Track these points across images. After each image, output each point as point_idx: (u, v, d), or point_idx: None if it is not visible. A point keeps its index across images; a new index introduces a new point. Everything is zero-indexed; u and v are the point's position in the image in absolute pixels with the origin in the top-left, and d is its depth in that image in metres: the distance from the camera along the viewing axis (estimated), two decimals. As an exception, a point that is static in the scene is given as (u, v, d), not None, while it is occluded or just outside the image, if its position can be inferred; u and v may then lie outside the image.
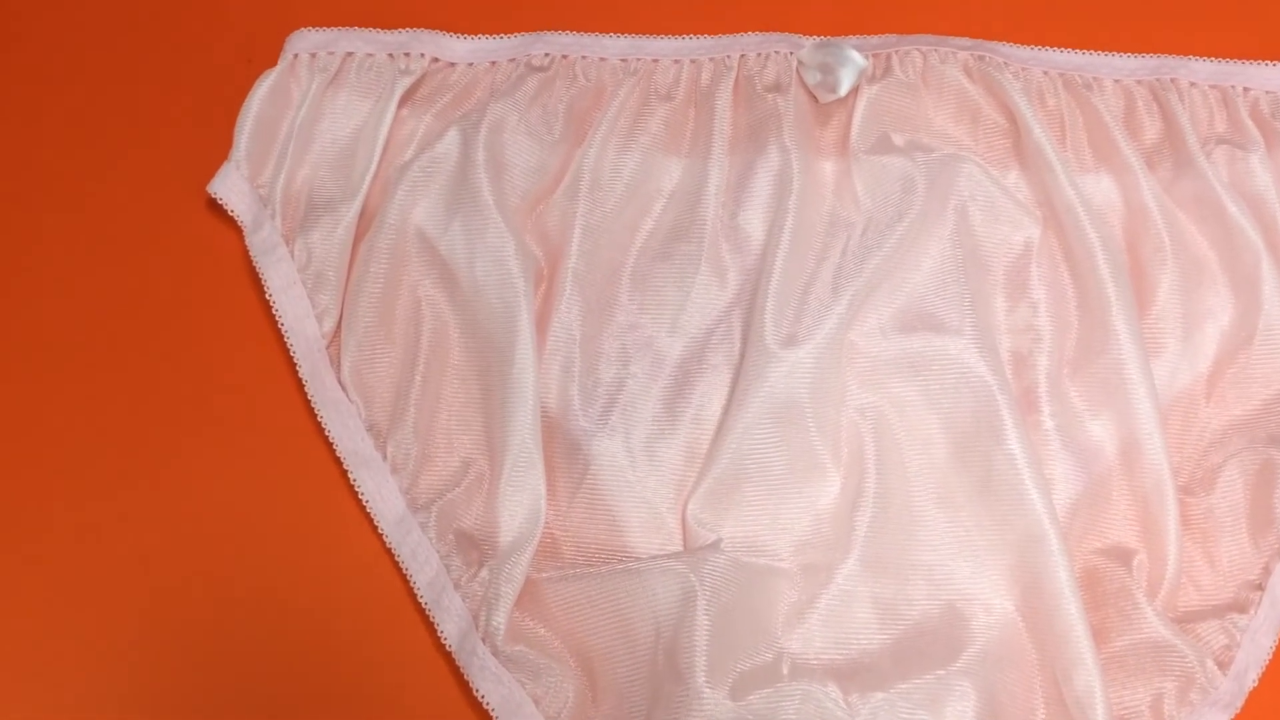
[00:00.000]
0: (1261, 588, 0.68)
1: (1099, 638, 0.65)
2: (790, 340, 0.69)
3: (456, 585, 0.67)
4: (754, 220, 0.73)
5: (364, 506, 0.70)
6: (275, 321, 0.72)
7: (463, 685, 0.66)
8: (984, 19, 0.80)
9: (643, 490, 0.69)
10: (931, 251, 0.71)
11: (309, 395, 0.71)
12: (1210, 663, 0.65)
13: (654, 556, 0.67)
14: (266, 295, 0.73)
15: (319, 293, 0.73)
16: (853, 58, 0.74)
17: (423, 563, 0.68)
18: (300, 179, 0.75)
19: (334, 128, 0.76)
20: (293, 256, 0.73)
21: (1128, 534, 0.68)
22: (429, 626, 0.67)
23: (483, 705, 0.65)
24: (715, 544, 0.66)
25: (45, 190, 0.78)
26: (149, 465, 0.72)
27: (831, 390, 0.69)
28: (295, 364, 0.72)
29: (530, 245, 0.72)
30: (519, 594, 0.66)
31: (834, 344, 0.69)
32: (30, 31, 0.82)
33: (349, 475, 0.70)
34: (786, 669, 0.64)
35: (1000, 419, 0.67)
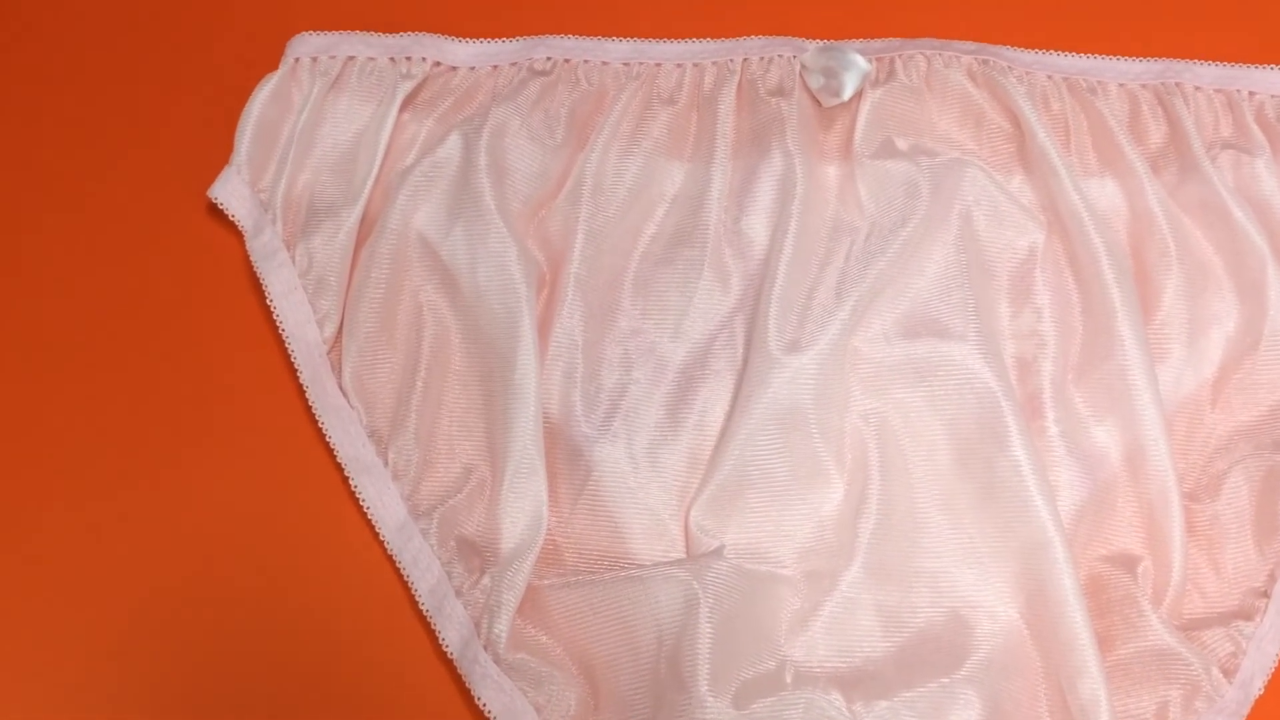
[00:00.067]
0: (1267, 595, 0.67)
1: (1104, 645, 0.64)
2: (793, 346, 0.69)
3: (458, 592, 0.67)
4: (757, 225, 0.72)
5: (365, 513, 0.69)
6: (276, 327, 0.72)
7: (464, 693, 0.66)
8: (988, 22, 0.79)
9: (645, 497, 0.68)
10: (935, 257, 0.71)
11: (310, 401, 0.71)
12: (1216, 671, 0.65)
13: (656, 564, 0.67)
14: (267, 300, 0.72)
15: (320, 298, 0.72)
16: (856, 61, 0.74)
17: (424, 570, 0.68)
18: (301, 184, 0.75)
19: (335, 132, 0.76)
20: (294, 262, 0.73)
21: (1133, 541, 0.68)
22: (430, 634, 0.67)
23: (484, 713, 0.65)
24: (718, 551, 0.66)
25: (46, 194, 0.78)
26: (149, 470, 0.71)
27: (835, 396, 0.68)
28: (296, 370, 0.72)
29: (532, 250, 0.72)
30: (521, 601, 0.65)
31: (837, 350, 0.69)
32: (30, 35, 0.82)
33: (350, 481, 0.70)
34: (790, 677, 0.64)
35: (1004, 425, 0.67)
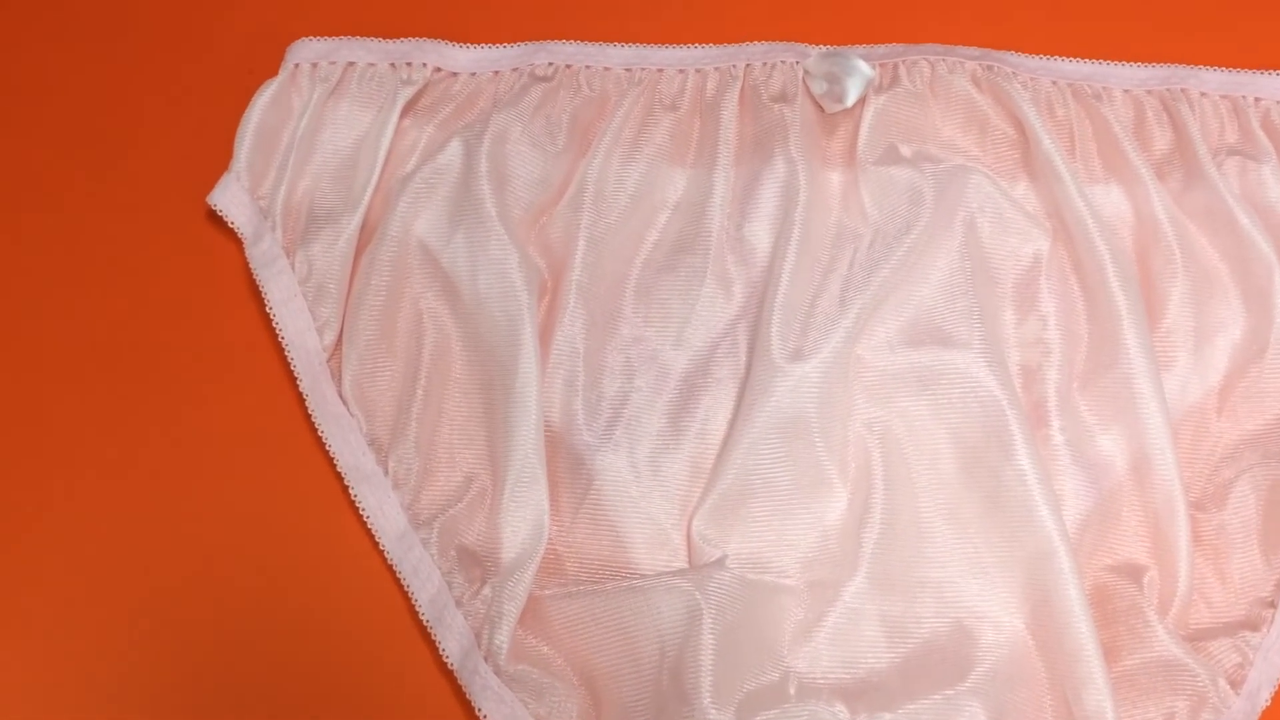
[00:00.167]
0: (1274, 605, 0.67)
1: (1110, 656, 0.64)
2: (797, 354, 0.68)
3: (458, 602, 0.66)
4: (760, 232, 0.72)
5: (365, 522, 0.69)
6: (276, 334, 0.72)
7: (465, 704, 0.65)
8: (992, 28, 0.79)
9: (647, 506, 0.68)
10: (939, 264, 0.71)
11: (309, 409, 0.71)
12: (1222, 681, 0.65)
13: (659, 574, 0.66)
14: (267, 308, 0.72)
15: (320, 305, 0.72)
16: (860, 67, 0.73)
17: (424, 580, 0.67)
18: (301, 190, 0.75)
19: (335, 138, 0.75)
20: (293, 269, 0.73)
21: (1138, 550, 0.68)
22: (430, 644, 0.67)
23: (485, 724, 0.65)
24: (720, 561, 0.65)
25: (45, 200, 0.77)
26: (149, 478, 0.71)
27: (838, 405, 0.68)
28: (296, 378, 0.71)
29: (534, 257, 0.72)
30: (522, 611, 0.65)
31: (841, 358, 0.68)
32: (31, 41, 0.81)
33: (350, 490, 0.69)
34: (793, 689, 0.63)
35: (1009, 433, 0.66)
